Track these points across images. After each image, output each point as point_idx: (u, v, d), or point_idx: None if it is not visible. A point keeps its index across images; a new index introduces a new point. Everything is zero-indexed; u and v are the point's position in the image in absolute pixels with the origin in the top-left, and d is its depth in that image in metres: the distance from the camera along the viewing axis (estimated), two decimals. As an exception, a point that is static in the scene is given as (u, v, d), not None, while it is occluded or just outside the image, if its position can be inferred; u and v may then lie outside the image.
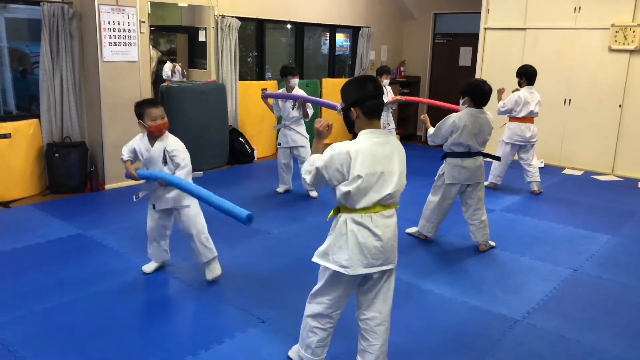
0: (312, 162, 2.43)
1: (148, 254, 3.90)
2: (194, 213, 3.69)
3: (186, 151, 3.62)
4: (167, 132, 3.60)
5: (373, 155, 2.38)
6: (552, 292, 3.75)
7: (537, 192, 6.17)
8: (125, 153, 3.65)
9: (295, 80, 5.64)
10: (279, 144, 5.81)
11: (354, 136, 2.47)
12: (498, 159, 5.08)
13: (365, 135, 2.42)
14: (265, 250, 4.39)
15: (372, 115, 2.45)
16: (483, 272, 4.10)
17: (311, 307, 2.61)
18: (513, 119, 6.05)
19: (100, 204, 5.48)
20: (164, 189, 3.59)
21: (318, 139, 2.55)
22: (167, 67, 7.91)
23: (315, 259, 2.54)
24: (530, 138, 6.02)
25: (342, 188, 2.38)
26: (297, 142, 5.68)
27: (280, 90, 5.85)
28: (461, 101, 4.33)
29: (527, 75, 6.00)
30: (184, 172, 3.53)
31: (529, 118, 6.01)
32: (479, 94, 4.18)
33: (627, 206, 5.86)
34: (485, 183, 5.91)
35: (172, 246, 4.28)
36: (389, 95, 7.42)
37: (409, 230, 4.73)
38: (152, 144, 3.57)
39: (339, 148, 2.38)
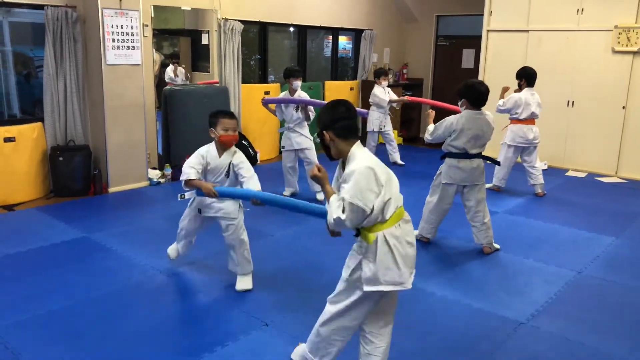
0: (335, 201, 2.33)
1: (177, 241, 3.91)
2: (240, 225, 3.68)
3: (250, 164, 3.63)
4: (234, 146, 3.60)
5: (380, 163, 2.42)
6: (556, 294, 3.74)
7: (541, 194, 6.16)
8: (192, 171, 3.48)
9: (298, 83, 5.65)
10: (283, 147, 5.81)
11: (331, 159, 2.51)
12: (498, 163, 5.03)
13: (361, 150, 2.41)
14: (269, 252, 4.39)
15: (346, 136, 2.41)
16: (486, 274, 4.09)
17: (338, 322, 2.51)
18: (515, 121, 6.04)
19: (103, 207, 5.50)
20: (220, 201, 3.55)
21: (322, 184, 2.49)
22: (170, 69, 7.92)
23: (367, 288, 2.40)
24: (532, 140, 6.01)
25: (382, 199, 2.33)
26: (301, 145, 5.68)
27: (283, 93, 5.86)
28: (459, 103, 4.34)
29: (526, 77, 6.00)
30: (254, 181, 3.50)
31: (531, 120, 6.00)
32: (475, 94, 4.19)
33: (632, 208, 5.84)
34: (489, 185, 5.92)
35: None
36: (389, 95, 7.45)
37: None
38: (219, 155, 3.56)
39: (363, 171, 2.29)
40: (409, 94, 9.72)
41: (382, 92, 7.37)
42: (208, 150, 3.57)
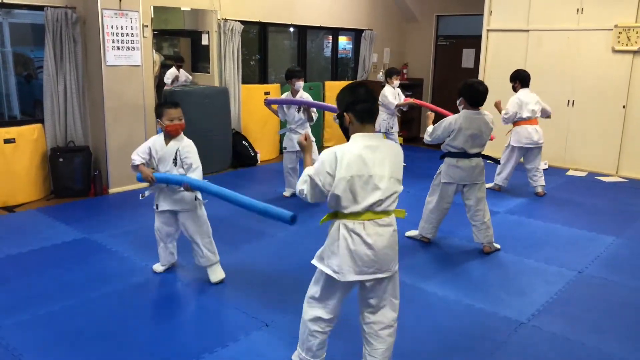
0: (305, 173, 2.44)
1: (158, 256, 3.93)
2: (198, 216, 3.72)
3: (197, 154, 3.67)
4: (182, 134, 3.68)
5: (361, 158, 2.35)
6: (557, 294, 3.74)
7: (542, 193, 6.15)
8: (137, 157, 3.68)
9: (300, 83, 5.65)
10: (285, 149, 5.81)
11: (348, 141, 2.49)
12: (498, 162, 5.04)
13: (356, 139, 2.40)
14: (269, 253, 4.39)
15: (364, 119, 2.41)
16: (487, 274, 4.09)
17: (310, 311, 2.60)
18: (519, 122, 6.02)
19: (104, 208, 5.49)
20: (170, 190, 3.65)
21: (305, 152, 2.61)
22: (170, 74, 7.88)
23: (314, 262, 2.55)
24: (537, 140, 5.96)
25: (332, 191, 2.36)
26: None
27: (285, 94, 5.85)
28: (457, 102, 4.35)
29: (520, 79, 6.02)
30: (197, 174, 3.58)
31: (533, 119, 6.00)
32: (473, 93, 4.19)
33: (633, 207, 5.84)
34: (490, 185, 5.92)
35: (177, 248, 4.28)
36: (400, 97, 7.40)
37: (408, 234, 4.72)
38: (166, 143, 3.65)
39: (328, 151, 2.39)
40: (409, 94, 9.71)
41: (392, 95, 7.23)
42: (155, 140, 3.69)
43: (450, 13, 9.53)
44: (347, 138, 2.48)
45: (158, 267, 3.94)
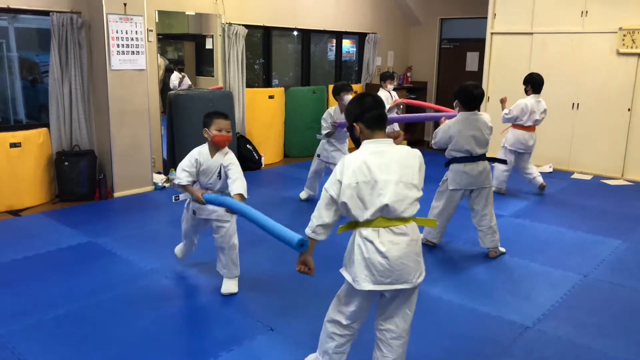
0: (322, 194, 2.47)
1: (179, 245, 4.01)
2: (232, 229, 3.71)
3: (239, 166, 3.59)
4: (227, 147, 3.63)
5: (365, 164, 2.35)
6: (562, 298, 3.72)
7: (544, 184, 6.26)
8: (184, 176, 3.56)
9: (348, 97, 5.44)
10: (318, 155, 5.73)
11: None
12: (505, 162, 5.05)
13: (364, 146, 2.44)
14: (274, 257, 4.39)
15: (373, 127, 2.44)
16: (492, 278, 4.08)
17: (331, 314, 2.60)
18: (517, 126, 6.04)
19: (109, 212, 5.51)
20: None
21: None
22: (175, 77, 7.94)
23: (341, 270, 2.53)
24: (531, 146, 6.10)
25: (340, 199, 2.37)
26: (335, 159, 5.51)
27: (333, 108, 5.59)
28: (454, 104, 4.38)
29: (533, 83, 6.00)
30: (239, 183, 3.46)
31: (532, 127, 6.03)
32: (468, 97, 4.21)
33: (638, 211, 5.81)
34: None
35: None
36: (393, 100, 7.43)
37: None
38: (212, 155, 3.58)
39: (339, 161, 2.44)
40: (413, 97, 9.71)
41: (384, 99, 7.29)
42: (201, 152, 3.61)
43: (454, 16, 9.52)
44: (358, 145, 2.51)
45: (178, 249, 4.04)
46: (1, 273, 3.97)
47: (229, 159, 3.57)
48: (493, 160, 4.46)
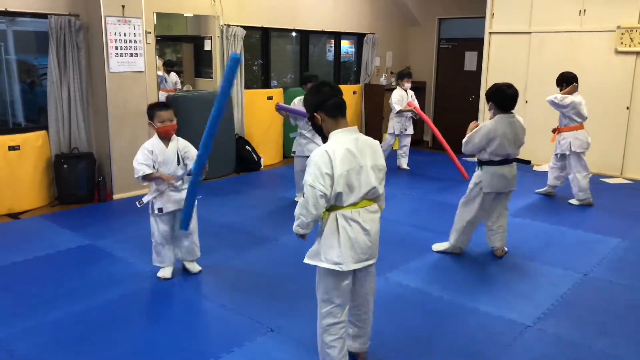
0: (303, 197, 2.47)
1: (158, 261, 3.92)
2: (195, 212, 3.88)
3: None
4: (175, 134, 3.77)
5: (349, 152, 2.45)
6: (562, 296, 3.72)
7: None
8: (144, 167, 3.66)
9: None
10: (294, 153, 5.78)
11: (325, 141, 2.56)
12: (528, 162, 4.98)
13: (337, 135, 2.50)
14: (273, 258, 4.39)
15: (335, 114, 2.51)
16: (493, 277, 4.07)
17: (322, 323, 2.61)
18: (575, 127, 5.79)
19: (108, 214, 5.51)
20: (172, 191, 3.74)
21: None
22: (174, 77, 7.91)
23: (307, 261, 2.59)
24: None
25: (335, 190, 2.43)
26: (311, 152, 5.61)
27: (299, 98, 5.71)
28: (487, 107, 4.25)
29: (566, 81, 5.82)
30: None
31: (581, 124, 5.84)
32: (502, 97, 4.07)
33: (637, 209, 5.82)
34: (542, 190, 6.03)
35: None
36: (412, 99, 7.42)
37: (438, 248, 4.51)
38: (166, 146, 3.73)
39: (317, 153, 2.45)
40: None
41: (398, 98, 7.26)
42: (153, 144, 3.72)
43: (452, 16, 9.53)
44: (323, 137, 2.57)
45: (163, 272, 3.92)
46: (1, 276, 3.97)
47: (183, 143, 3.81)
48: (517, 161, 4.34)
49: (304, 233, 2.55)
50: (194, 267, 4.01)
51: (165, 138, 3.74)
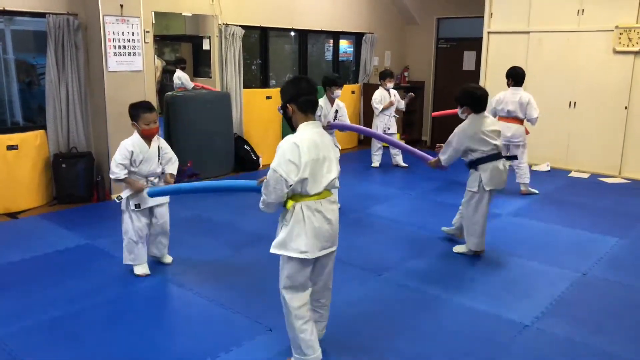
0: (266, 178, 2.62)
1: (130, 259, 3.93)
2: (167, 209, 4.01)
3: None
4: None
5: (315, 143, 2.58)
6: (560, 296, 3.73)
7: (524, 192, 6.23)
8: (120, 171, 3.73)
9: (338, 92, 5.43)
10: None
11: (294, 131, 2.68)
12: (515, 158, 5.07)
13: (305, 127, 2.64)
14: (271, 257, 4.36)
15: (306, 110, 2.66)
16: (491, 276, 4.08)
17: (290, 307, 2.70)
18: (499, 118, 6.07)
19: (106, 214, 5.50)
20: (151, 188, 3.79)
21: None
22: (181, 75, 7.86)
23: (273, 250, 2.68)
24: (511, 137, 6.02)
25: (302, 175, 2.53)
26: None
27: (322, 99, 5.39)
28: (460, 110, 4.27)
29: (513, 76, 6.12)
30: (175, 165, 3.97)
31: (510, 118, 6.06)
32: (476, 100, 4.16)
33: (635, 208, 5.82)
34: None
35: (176, 252, 4.29)
36: (394, 98, 7.45)
37: (459, 250, 4.45)
38: (149, 145, 3.79)
39: (285, 143, 2.57)
40: (413, 94, 9.71)
41: (379, 98, 7.39)
42: (134, 143, 3.77)
43: (450, 15, 9.53)
44: (291, 126, 2.73)
45: (143, 269, 3.94)
46: (-1, 275, 3.96)
47: (163, 143, 3.94)
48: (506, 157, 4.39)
49: (266, 211, 2.68)
50: (168, 258, 4.15)
51: (148, 138, 3.79)
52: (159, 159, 3.86)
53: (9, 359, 2.91)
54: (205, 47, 7.36)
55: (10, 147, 5.36)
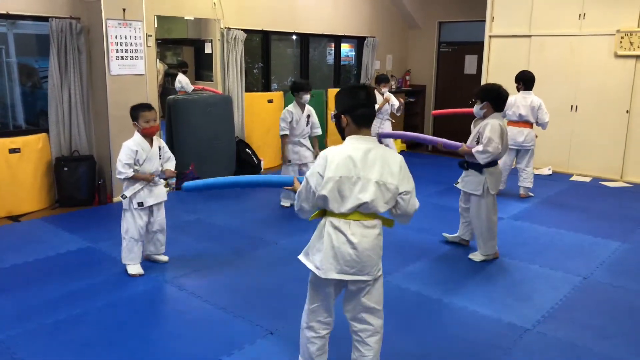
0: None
1: (129, 259, 3.99)
2: (163, 207, 4.12)
3: None
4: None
5: (351, 160, 2.36)
6: (562, 299, 3.72)
7: (524, 195, 6.27)
8: (128, 170, 3.83)
9: (307, 97, 5.59)
10: (289, 161, 5.70)
11: (343, 141, 2.52)
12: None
13: (350, 141, 2.45)
14: (272, 260, 4.39)
15: (361, 124, 2.45)
16: (492, 280, 4.07)
17: (305, 318, 2.66)
18: (508, 122, 6.10)
19: (108, 217, 5.50)
20: (153, 185, 3.93)
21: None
22: (182, 78, 7.89)
23: (300, 257, 2.61)
24: (522, 143, 6.12)
25: (319, 192, 2.39)
26: (307, 159, 5.66)
27: (291, 105, 5.69)
28: (479, 106, 4.22)
29: (523, 80, 6.16)
30: (173, 163, 4.11)
31: (523, 122, 6.11)
32: (501, 99, 4.16)
33: (637, 212, 5.82)
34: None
35: (178, 256, 4.29)
36: (388, 104, 7.46)
37: (476, 258, 4.39)
38: (150, 145, 3.92)
39: (322, 153, 2.45)
40: (413, 100, 9.74)
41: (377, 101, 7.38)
42: (137, 143, 3.87)
43: (452, 19, 9.55)
44: (343, 138, 2.52)
45: (137, 269, 4.00)
46: (1, 278, 3.97)
47: (163, 142, 4.08)
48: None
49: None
50: (164, 257, 4.23)
51: (149, 137, 3.90)
52: (160, 158, 3.99)
53: (11, 362, 2.91)
54: (207, 50, 7.38)
55: (13, 151, 5.38)
